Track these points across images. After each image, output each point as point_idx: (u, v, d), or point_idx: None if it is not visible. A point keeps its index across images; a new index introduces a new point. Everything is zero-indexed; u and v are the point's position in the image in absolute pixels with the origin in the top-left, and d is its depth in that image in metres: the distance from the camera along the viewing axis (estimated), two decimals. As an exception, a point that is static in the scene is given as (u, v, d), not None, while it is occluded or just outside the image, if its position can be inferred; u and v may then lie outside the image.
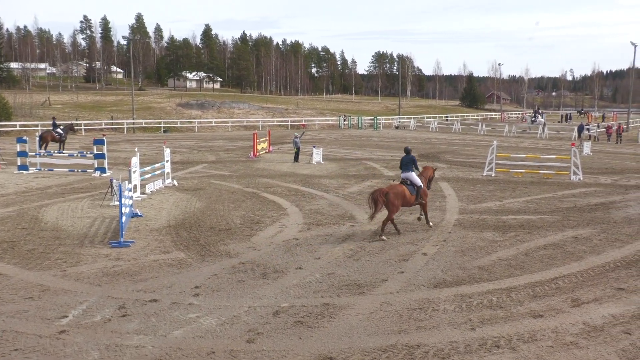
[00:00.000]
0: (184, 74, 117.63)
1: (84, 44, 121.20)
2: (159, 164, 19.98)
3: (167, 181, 19.55)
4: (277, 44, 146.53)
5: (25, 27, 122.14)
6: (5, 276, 9.55)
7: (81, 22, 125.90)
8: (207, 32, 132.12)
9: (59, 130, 29.69)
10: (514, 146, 37.58)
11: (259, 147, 30.52)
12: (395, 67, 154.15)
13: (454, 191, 18.71)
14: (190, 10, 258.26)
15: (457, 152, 33.38)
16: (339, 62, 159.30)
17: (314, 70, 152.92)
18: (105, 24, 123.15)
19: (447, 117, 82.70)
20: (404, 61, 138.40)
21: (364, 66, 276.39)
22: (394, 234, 12.57)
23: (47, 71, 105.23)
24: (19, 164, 22.72)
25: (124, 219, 12.13)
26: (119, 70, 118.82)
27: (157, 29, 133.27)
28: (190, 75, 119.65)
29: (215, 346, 6.91)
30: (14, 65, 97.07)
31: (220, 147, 36.46)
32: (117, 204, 13.46)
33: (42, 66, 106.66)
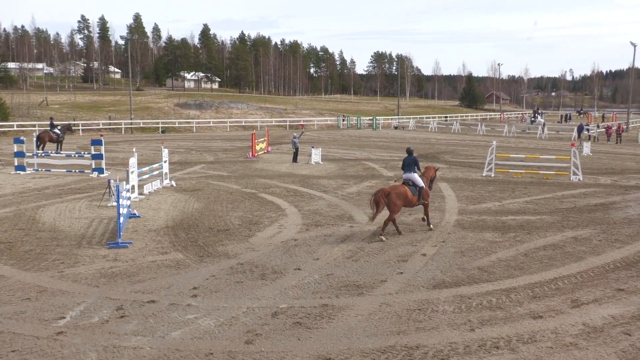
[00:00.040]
0: (182, 74, 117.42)
1: (81, 43, 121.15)
2: (157, 165, 19.94)
3: (165, 182, 19.52)
4: (275, 43, 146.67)
5: (22, 27, 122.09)
6: (2, 277, 9.51)
7: (79, 22, 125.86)
8: (205, 32, 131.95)
9: (56, 130, 29.61)
10: (514, 146, 37.60)
11: (257, 147, 30.48)
12: (394, 67, 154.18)
13: (453, 192, 18.69)
14: (188, 10, 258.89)
15: (456, 153, 33.38)
16: (338, 62, 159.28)
17: (312, 70, 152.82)
18: (103, 24, 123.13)
19: (447, 117, 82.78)
20: (403, 61, 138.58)
21: (362, 66, 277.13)
22: (393, 235, 12.54)
23: (45, 71, 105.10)
24: (16, 164, 22.66)
25: (122, 219, 12.09)
26: (116, 70, 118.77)
27: (155, 29, 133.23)
28: (188, 75, 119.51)
29: (213, 347, 6.88)
30: (12, 65, 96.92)
31: (218, 147, 36.42)
32: (115, 204, 13.44)
33: (39, 66, 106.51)
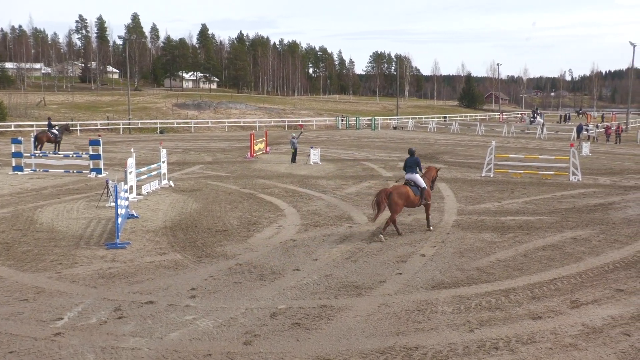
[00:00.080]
0: (180, 74, 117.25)
1: (79, 43, 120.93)
2: (155, 165, 19.90)
3: (164, 182, 19.49)
4: (274, 43, 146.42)
5: (20, 26, 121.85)
6: (0, 278, 9.49)
7: (77, 21, 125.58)
8: (203, 32, 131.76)
9: (54, 130, 29.54)
10: (513, 147, 37.60)
11: (256, 147, 30.45)
12: (393, 67, 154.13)
13: (452, 192, 18.68)
14: (186, 10, 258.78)
15: (455, 153, 33.38)
16: (337, 62, 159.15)
17: (311, 70, 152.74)
18: (101, 24, 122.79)
19: (446, 117, 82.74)
20: (402, 61, 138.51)
21: (361, 66, 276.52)
22: (392, 235, 12.52)
23: (42, 71, 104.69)
24: (13, 164, 22.61)
25: (120, 220, 12.06)
26: (114, 70, 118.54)
27: (154, 29, 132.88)
28: (186, 75, 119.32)
29: (212, 348, 6.85)
30: (9, 65, 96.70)
31: (217, 147, 36.38)
32: (113, 205, 13.39)
33: (37, 66, 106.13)
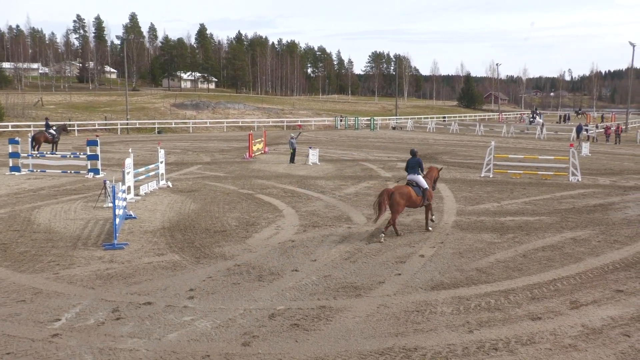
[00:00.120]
0: (178, 74, 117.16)
1: (77, 43, 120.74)
2: (153, 165, 19.85)
3: (162, 182, 19.44)
4: (272, 43, 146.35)
5: (17, 26, 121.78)
6: (-4, 279, 9.43)
7: (74, 21, 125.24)
8: (201, 32, 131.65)
9: (51, 131, 29.47)
10: (512, 147, 37.61)
11: (254, 148, 30.42)
12: (392, 67, 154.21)
13: (451, 192, 18.66)
14: (184, 9, 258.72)
15: (454, 153, 33.37)
16: (336, 62, 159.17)
17: (310, 70, 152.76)
18: (98, 24, 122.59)
19: (445, 117, 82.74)
20: (401, 61, 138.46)
21: (360, 66, 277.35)
22: (391, 236, 12.49)
23: (40, 71, 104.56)
24: (11, 165, 22.54)
25: (118, 220, 12.02)
26: (112, 70, 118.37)
27: (152, 29, 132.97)
28: (184, 75, 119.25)
29: (210, 349, 6.82)
30: (6, 65, 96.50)
31: (215, 148, 36.33)
32: (111, 205, 13.34)
33: (34, 66, 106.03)
